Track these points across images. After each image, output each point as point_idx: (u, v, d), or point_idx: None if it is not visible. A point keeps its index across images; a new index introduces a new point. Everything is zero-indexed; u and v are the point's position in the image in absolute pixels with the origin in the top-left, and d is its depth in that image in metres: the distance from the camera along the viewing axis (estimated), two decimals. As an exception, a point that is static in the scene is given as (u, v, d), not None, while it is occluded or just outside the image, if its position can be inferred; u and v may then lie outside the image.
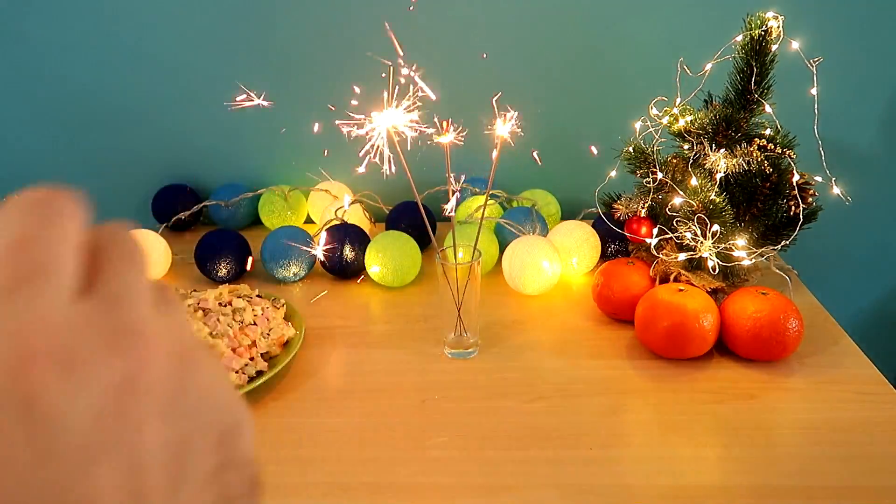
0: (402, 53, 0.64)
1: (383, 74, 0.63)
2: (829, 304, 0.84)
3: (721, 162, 0.77)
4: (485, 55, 0.98)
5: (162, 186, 1.12)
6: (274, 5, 1.01)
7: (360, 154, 0.66)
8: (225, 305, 0.77)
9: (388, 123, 0.65)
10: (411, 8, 1.00)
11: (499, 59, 1.03)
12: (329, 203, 1.06)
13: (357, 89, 0.71)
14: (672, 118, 0.81)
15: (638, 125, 0.83)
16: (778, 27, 0.75)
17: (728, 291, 0.77)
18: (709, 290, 0.76)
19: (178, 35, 1.04)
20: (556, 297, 0.89)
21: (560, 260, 0.87)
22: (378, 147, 0.65)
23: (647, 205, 0.85)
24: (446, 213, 0.66)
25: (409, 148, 0.65)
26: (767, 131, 0.78)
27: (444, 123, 0.63)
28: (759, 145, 0.77)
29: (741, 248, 0.76)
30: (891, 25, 1.00)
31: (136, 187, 1.16)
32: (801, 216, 0.77)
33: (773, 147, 0.77)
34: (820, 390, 0.69)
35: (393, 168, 0.65)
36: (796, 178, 0.77)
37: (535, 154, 0.68)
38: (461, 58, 1.03)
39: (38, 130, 1.12)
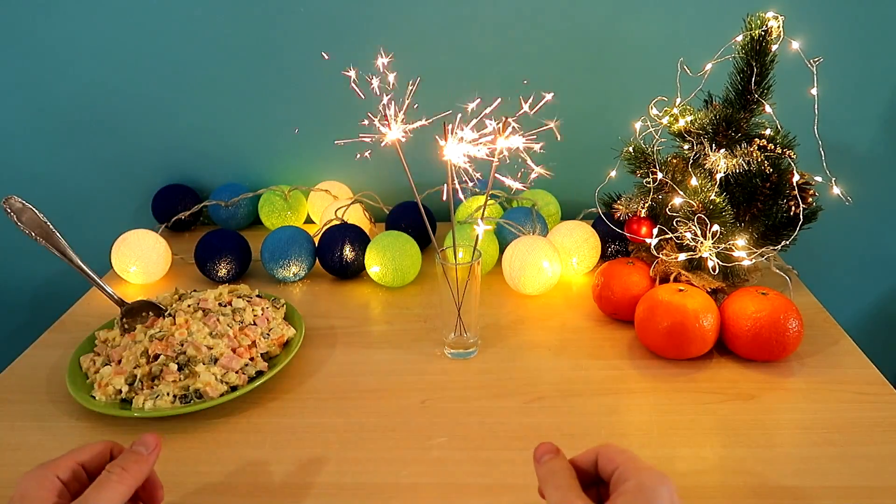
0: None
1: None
2: (829, 304, 0.84)
3: (721, 162, 0.77)
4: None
5: (162, 186, 1.12)
6: (274, 5, 1.01)
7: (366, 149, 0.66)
8: (225, 305, 0.77)
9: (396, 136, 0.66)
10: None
11: (499, 60, 1.03)
12: (329, 203, 1.06)
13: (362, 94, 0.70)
14: (672, 118, 0.81)
15: (638, 125, 0.83)
16: (778, 27, 0.75)
17: (728, 291, 0.77)
18: (709, 290, 0.76)
19: (178, 35, 1.04)
20: (556, 297, 0.89)
21: (560, 260, 0.87)
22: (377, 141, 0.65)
23: (647, 205, 0.85)
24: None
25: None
26: (767, 131, 0.78)
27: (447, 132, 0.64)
28: (759, 145, 0.77)
29: (741, 248, 0.76)
30: (891, 25, 1.00)
31: (136, 187, 1.16)
32: (801, 216, 0.77)
33: (773, 147, 0.76)
34: (820, 390, 0.69)
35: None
36: (796, 178, 0.77)
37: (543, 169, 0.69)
38: (462, 58, 1.03)
39: (39, 131, 1.12)
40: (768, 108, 0.77)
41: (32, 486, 0.44)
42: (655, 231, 0.80)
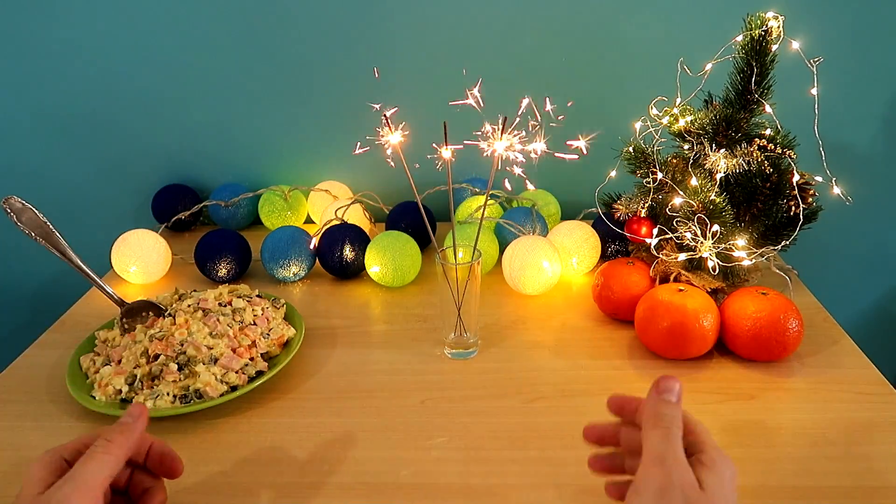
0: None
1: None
2: (829, 304, 0.84)
3: (721, 162, 0.77)
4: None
5: (162, 186, 1.12)
6: (274, 5, 1.01)
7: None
8: (225, 305, 0.77)
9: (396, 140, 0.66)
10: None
11: (499, 60, 1.03)
12: (329, 203, 1.06)
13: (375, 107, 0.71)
14: (672, 118, 0.81)
15: (638, 125, 0.83)
16: (778, 27, 0.75)
17: (728, 291, 0.77)
18: (709, 290, 0.76)
19: (178, 35, 1.04)
20: (556, 297, 0.89)
21: (560, 260, 0.87)
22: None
23: (647, 205, 0.85)
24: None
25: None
26: (767, 131, 0.78)
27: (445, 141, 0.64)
28: (759, 145, 0.77)
29: (741, 248, 0.76)
30: (891, 25, 1.00)
31: (136, 187, 1.16)
32: (801, 216, 0.77)
33: (773, 147, 0.76)
34: (820, 390, 0.69)
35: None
36: (796, 178, 0.77)
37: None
38: (461, 57, 1.03)
39: (39, 131, 1.12)
40: (768, 108, 0.77)
41: (35, 468, 0.46)
42: (655, 231, 0.80)
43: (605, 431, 0.49)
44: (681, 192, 0.78)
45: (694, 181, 0.77)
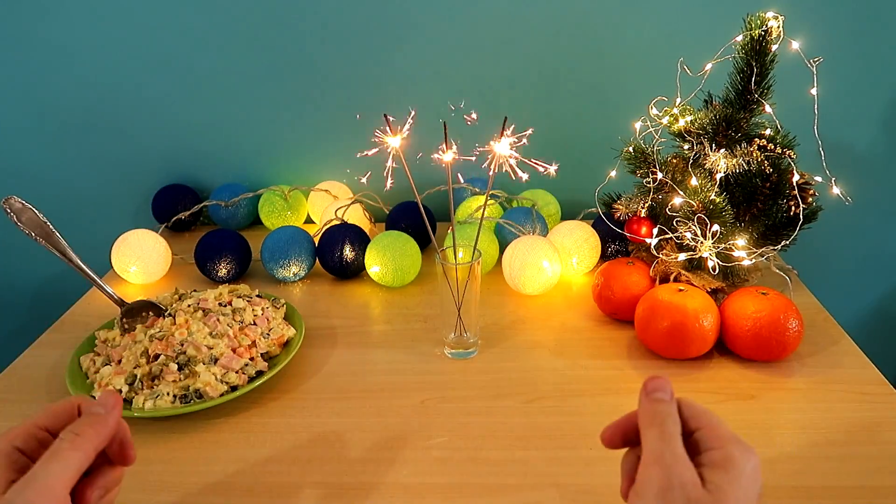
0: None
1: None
2: (829, 304, 0.84)
3: (721, 162, 0.77)
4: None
5: (162, 186, 1.12)
6: (275, 5, 1.01)
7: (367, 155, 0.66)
8: (225, 305, 0.77)
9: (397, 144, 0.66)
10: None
11: (499, 59, 1.03)
12: (329, 203, 1.06)
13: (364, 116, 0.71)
14: (672, 118, 0.81)
15: (638, 125, 0.83)
16: (778, 27, 0.75)
17: (728, 291, 0.77)
18: (709, 290, 0.76)
19: (178, 35, 1.04)
20: (556, 297, 0.89)
21: (560, 260, 0.87)
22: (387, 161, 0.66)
23: (647, 205, 0.85)
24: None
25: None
26: (767, 131, 0.78)
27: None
28: (759, 145, 0.77)
29: (741, 248, 0.76)
30: (891, 26, 1.00)
31: (136, 187, 1.16)
32: (801, 216, 0.77)
33: (773, 147, 0.76)
34: (820, 390, 0.69)
35: (391, 182, 0.65)
36: (796, 178, 0.77)
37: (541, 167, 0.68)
38: (460, 57, 1.03)
39: (40, 131, 1.12)
40: (768, 108, 0.77)
41: None
42: (655, 231, 0.80)
43: (626, 428, 0.44)
44: (681, 192, 0.78)
45: (694, 181, 0.77)
